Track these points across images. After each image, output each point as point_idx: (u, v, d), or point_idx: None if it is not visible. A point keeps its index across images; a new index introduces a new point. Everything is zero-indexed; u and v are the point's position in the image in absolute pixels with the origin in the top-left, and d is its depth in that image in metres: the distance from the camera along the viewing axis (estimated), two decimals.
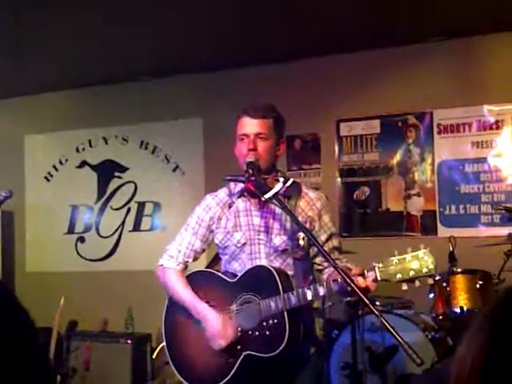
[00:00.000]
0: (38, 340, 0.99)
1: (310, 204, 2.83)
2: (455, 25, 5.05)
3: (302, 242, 2.64)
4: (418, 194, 5.44)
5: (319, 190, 3.59)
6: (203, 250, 2.98)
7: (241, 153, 2.79)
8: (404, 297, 4.72)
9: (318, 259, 2.80)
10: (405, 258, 2.41)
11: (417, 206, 5.44)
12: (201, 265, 3.07)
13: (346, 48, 5.50)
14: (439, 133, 5.39)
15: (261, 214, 2.81)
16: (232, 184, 2.91)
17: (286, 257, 2.77)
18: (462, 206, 5.30)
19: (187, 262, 2.94)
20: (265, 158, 2.76)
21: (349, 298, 3.45)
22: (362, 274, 2.44)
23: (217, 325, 2.73)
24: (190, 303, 2.82)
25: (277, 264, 2.76)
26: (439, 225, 5.35)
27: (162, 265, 2.96)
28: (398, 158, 5.52)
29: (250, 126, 2.78)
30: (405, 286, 2.44)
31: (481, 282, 4.34)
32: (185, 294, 2.85)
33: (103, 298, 6.25)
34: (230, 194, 2.91)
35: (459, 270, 4.40)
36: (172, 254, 2.94)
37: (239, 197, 2.87)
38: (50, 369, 0.95)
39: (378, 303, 4.50)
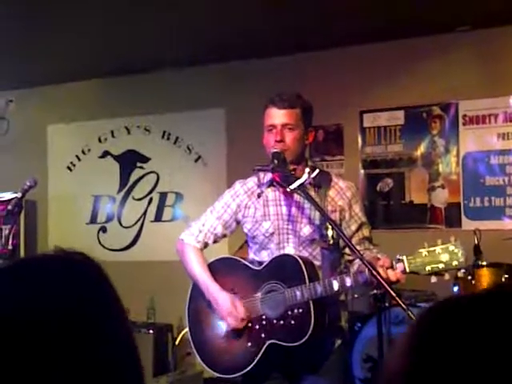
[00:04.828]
0: (133, 336, 1.00)
1: (340, 193, 2.81)
2: (481, 14, 4.97)
3: (330, 232, 2.62)
4: (443, 186, 5.38)
5: None
6: (224, 236, 2.99)
7: (268, 144, 2.78)
8: (427, 290, 4.67)
9: (348, 250, 2.78)
10: (434, 251, 2.39)
11: (441, 198, 5.38)
12: (222, 249, 3.07)
13: (370, 38, 5.44)
14: (464, 124, 5.32)
15: (290, 204, 2.80)
16: (261, 173, 2.90)
17: (315, 247, 2.75)
18: (486, 199, 5.23)
19: (207, 242, 2.95)
20: (292, 149, 2.75)
21: (376, 291, 3.44)
22: (391, 266, 2.41)
23: (226, 304, 2.73)
24: (202, 282, 2.84)
25: (305, 254, 2.75)
26: (463, 217, 5.28)
27: (182, 239, 2.97)
28: (422, 149, 5.45)
29: (277, 116, 2.76)
30: (434, 279, 2.42)
31: (506, 276, 4.30)
32: (199, 272, 2.87)
33: (125, 287, 6.13)
34: (260, 184, 2.90)
35: (484, 263, 4.36)
36: (193, 231, 2.95)
37: (268, 186, 2.86)
38: (141, 367, 0.97)
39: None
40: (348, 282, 2.53)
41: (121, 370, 0.92)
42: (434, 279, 2.42)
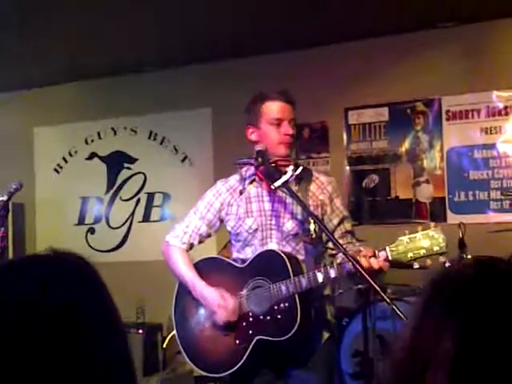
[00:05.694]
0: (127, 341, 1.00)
1: (321, 188, 2.84)
2: (464, 10, 5.02)
3: (312, 227, 2.64)
4: (427, 181, 5.43)
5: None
6: (209, 235, 3.00)
7: (274, 138, 2.79)
8: (414, 284, 4.71)
9: (331, 244, 2.80)
10: (415, 237, 2.43)
11: (426, 193, 5.43)
12: (210, 249, 3.09)
13: (354, 36, 5.48)
14: (448, 119, 5.37)
15: (273, 199, 2.82)
16: (243, 170, 2.92)
17: (298, 241, 2.77)
18: (471, 193, 5.28)
19: (192, 243, 2.96)
20: (293, 144, 2.81)
21: (360, 286, 3.46)
22: (374, 255, 2.44)
23: (215, 298, 2.74)
24: (189, 280, 2.85)
25: (288, 249, 2.77)
26: (448, 212, 5.33)
27: (167, 241, 2.99)
28: (406, 145, 5.50)
29: (286, 111, 2.81)
30: (416, 265, 2.45)
31: None
32: (185, 271, 2.88)
33: (114, 288, 6.06)
34: (241, 180, 2.92)
35: (469, 256, 4.40)
36: (178, 233, 2.97)
37: (251, 182, 2.88)
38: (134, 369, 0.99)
39: (388, 291, 4.49)
40: (332, 273, 2.55)
41: (114, 370, 0.93)
42: (416, 265, 2.45)
